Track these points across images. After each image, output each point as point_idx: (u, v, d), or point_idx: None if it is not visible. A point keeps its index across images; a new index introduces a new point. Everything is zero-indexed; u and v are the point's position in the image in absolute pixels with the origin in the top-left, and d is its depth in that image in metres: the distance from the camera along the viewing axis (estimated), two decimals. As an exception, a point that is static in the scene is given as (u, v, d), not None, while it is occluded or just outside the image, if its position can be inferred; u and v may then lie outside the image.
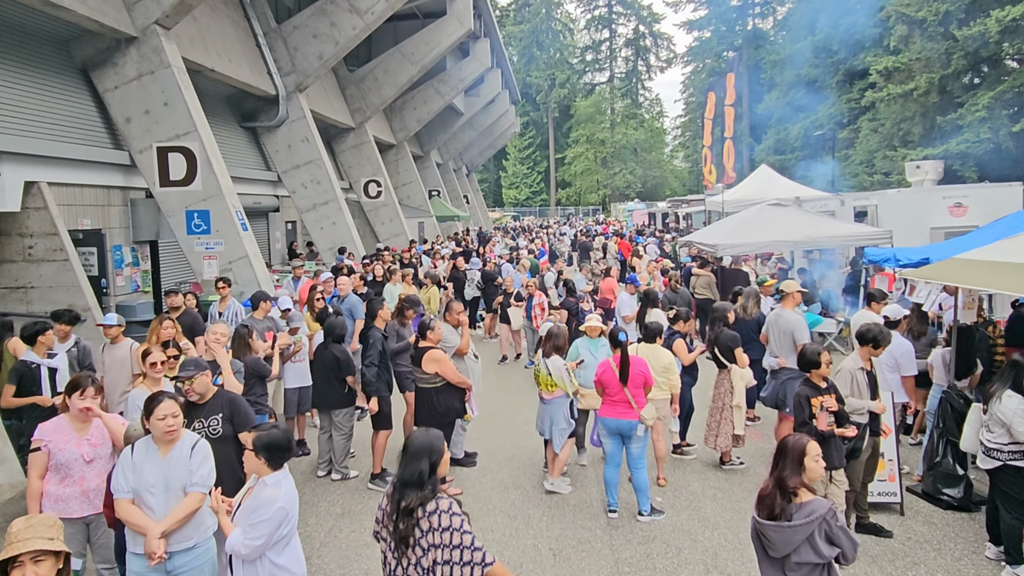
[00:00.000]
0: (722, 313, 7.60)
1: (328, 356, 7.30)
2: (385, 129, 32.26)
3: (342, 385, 7.29)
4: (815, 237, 12.63)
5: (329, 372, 7.27)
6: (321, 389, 7.39)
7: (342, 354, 7.31)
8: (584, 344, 7.66)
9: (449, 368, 6.82)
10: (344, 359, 7.28)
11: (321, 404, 7.47)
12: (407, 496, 3.33)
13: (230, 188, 14.21)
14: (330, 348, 7.31)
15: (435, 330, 6.88)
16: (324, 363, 7.32)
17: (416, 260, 17.16)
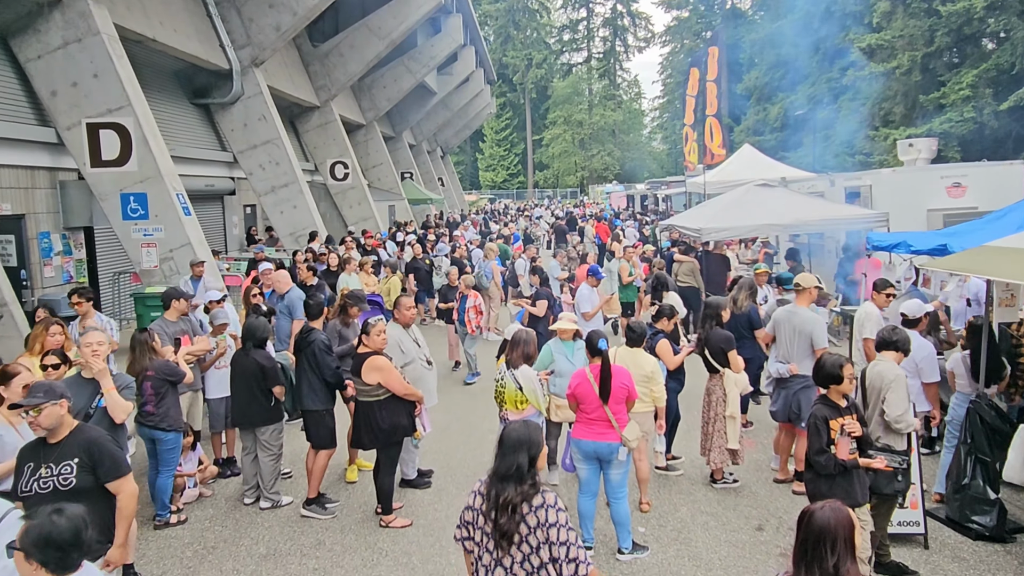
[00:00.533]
0: (715, 309, 6.57)
1: (248, 364, 6.21)
2: (353, 108, 30.88)
3: (267, 397, 6.21)
4: (806, 220, 11.68)
5: (251, 383, 6.18)
6: (241, 403, 6.30)
7: (266, 360, 6.23)
8: (558, 348, 6.62)
9: (394, 378, 5.75)
10: (269, 366, 6.20)
11: (242, 421, 6.38)
12: (507, 491, 3.14)
13: (170, 169, 12.95)
14: (251, 354, 6.23)
15: (379, 331, 5.78)
16: (244, 372, 6.23)
17: (380, 246, 16.00)
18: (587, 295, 9.27)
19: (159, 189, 12.59)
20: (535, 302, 9.68)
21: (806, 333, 6.38)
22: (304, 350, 6.30)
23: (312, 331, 6.36)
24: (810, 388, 6.34)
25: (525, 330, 5.92)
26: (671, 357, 6.63)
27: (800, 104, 47.34)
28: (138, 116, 12.39)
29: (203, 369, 6.92)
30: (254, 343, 6.25)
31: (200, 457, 6.73)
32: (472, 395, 9.98)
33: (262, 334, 6.26)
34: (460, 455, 7.70)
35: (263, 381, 6.17)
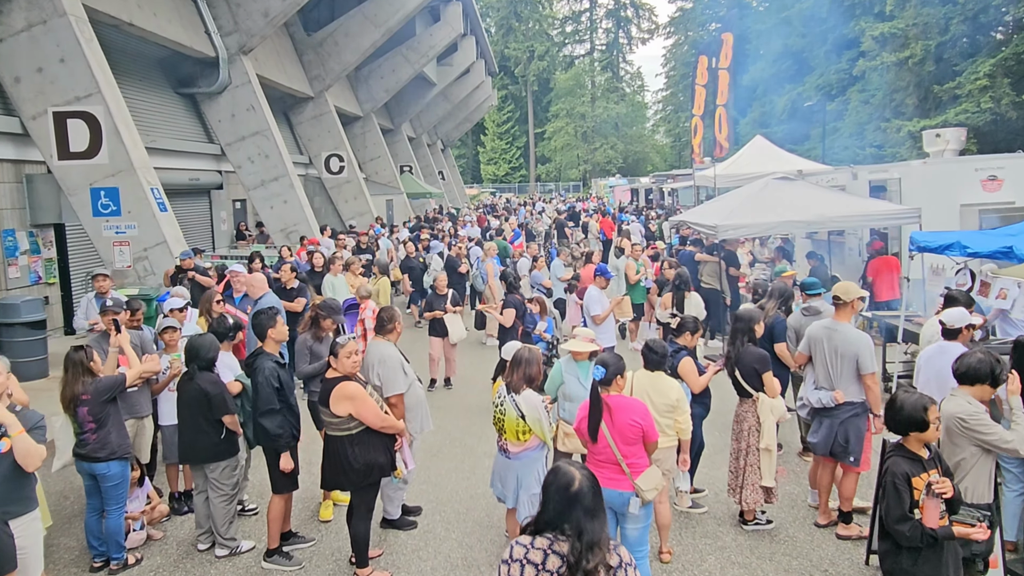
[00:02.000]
0: (747, 323, 5.64)
1: (193, 391, 5.32)
2: (350, 99, 29.93)
3: (215, 429, 5.30)
4: (831, 216, 10.72)
5: (196, 412, 5.29)
6: (187, 436, 5.39)
7: (211, 386, 5.30)
8: (570, 369, 5.70)
9: (369, 408, 4.83)
10: (214, 393, 5.25)
11: (189, 456, 5.47)
12: (591, 556, 2.54)
13: (144, 161, 12.04)
14: (196, 379, 5.33)
15: (349, 353, 4.86)
16: (188, 400, 5.33)
17: (373, 244, 15.05)
18: (596, 297, 8.33)
19: (132, 183, 11.69)
20: (503, 310, 8.72)
21: (850, 355, 5.43)
22: (251, 377, 5.38)
23: (260, 354, 5.41)
24: (859, 417, 5.43)
25: (528, 348, 5.00)
26: (696, 379, 5.70)
27: (807, 96, 46.39)
28: (108, 104, 11.49)
29: (154, 392, 6.02)
30: (199, 364, 5.32)
31: (149, 494, 5.84)
32: (466, 411, 9.07)
33: (207, 353, 5.33)
34: (451, 486, 6.79)
35: (209, 410, 5.25)
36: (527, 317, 8.53)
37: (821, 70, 47.77)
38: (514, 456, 4.91)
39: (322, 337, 6.40)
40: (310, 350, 6.31)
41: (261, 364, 5.27)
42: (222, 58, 17.40)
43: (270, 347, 5.48)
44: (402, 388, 5.50)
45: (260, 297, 7.61)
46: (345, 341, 4.92)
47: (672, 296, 9.42)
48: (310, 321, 6.44)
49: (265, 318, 5.49)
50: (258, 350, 5.49)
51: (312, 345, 6.33)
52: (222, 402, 5.27)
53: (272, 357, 5.42)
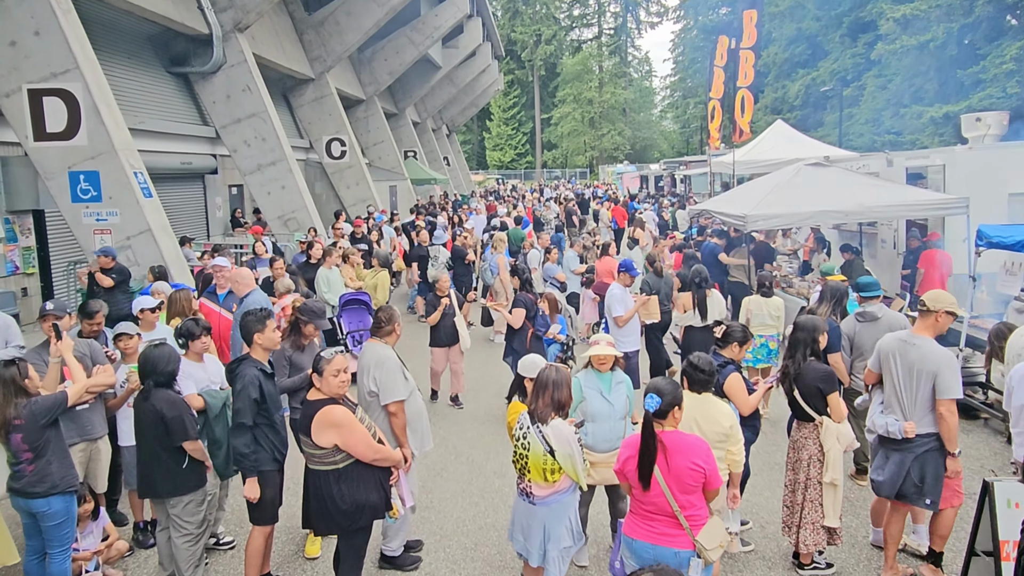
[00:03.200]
0: (810, 334, 4.76)
1: (147, 413, 4.46)
2: (352, 82, 28.99)
3: (175, 458, 4.48)
4: (872, 206, 9.84)
5: (152, 438, 4.48)
6: (143, 466, 4.57)
7: (168, 407, 4.42)
8: (591, 383, 4.86)
9: (358, 437, 3.99)
10: (171, 416, 4.39)
11: (146, 490, 4.64)
12: None
13: (127, 143, 11.19)
14: (151, 398, 4.49)
15: (336, 370, 4.02)
16: (143, 423, 4.51)
17: (375, 232, 14.15)
18: (620, 296, 7.45)
19: (113, 166, 10.84)
20: (512, 308, 7.76)
21: (928, 375, 4.51)
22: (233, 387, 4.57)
23: (244, 360, 4.59)
24: (939, 451, 4.54)
25: (555, 367, 4.13)
26: (746, 398, 4.83)
27: (822, 81, 45.26)
28: (87, 81, 10.62)
29: (111, 409, 5.20)
30: (155, 380, 4.49)
31: (105, 528, 5.02)
32: (473, 421, 8.23)
33: (165, 366, 4.48)
34: (457, 513, 5.95)
35: (166, 436, 4.43)
36: (538, 319, 7.66)
37: (836, 54, 46.70)
38: (540, 501, 4.04)
39: (303, 346, 5.55)
40: (289, 361, 5.46)
41: (243, 371, 4.47)
42: (216, 35, 16.47)
43: (257, 353, 4.68)
44: (403, 394, 4.71)
45: (246, 295, 6.75)
46: (331, 355, 4.08)
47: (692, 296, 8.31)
48: (289, 327, 5.57)
49: (253, 320, 4.66)
50: (243, 356, 4.68)
51: (292, 355, 5.48)
52: (181, 426, 4.43)
53: (257, 364, 4.61)
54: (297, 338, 5.54)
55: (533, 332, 7.56)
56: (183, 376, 4.84)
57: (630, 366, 7.44)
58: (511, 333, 7.67)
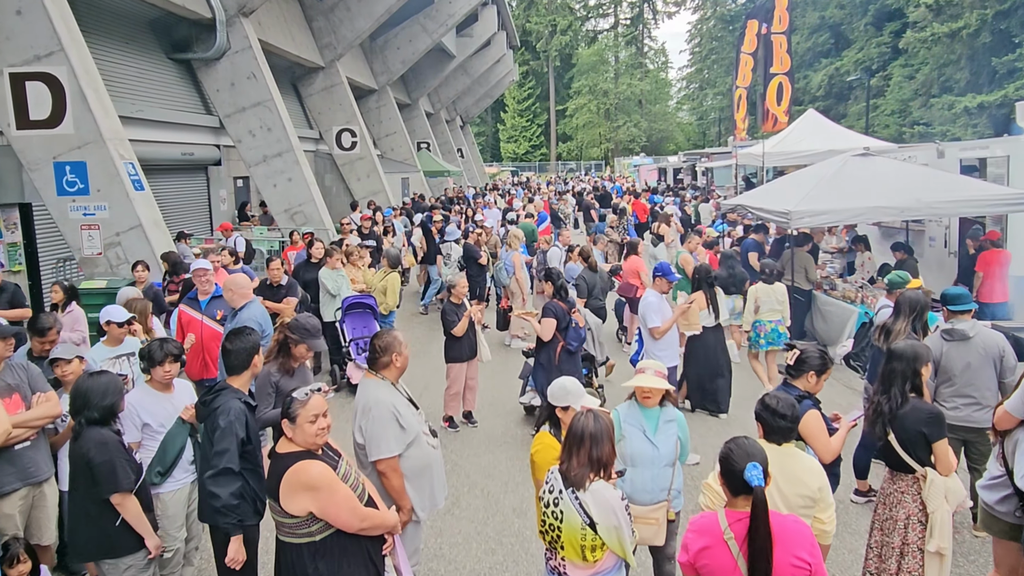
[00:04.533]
0: (911, 364, 3.83)
1: (76, 456, 3.65)
2: (364, 71, 28.14)
3: (106, 513, 3.63)
4: (933, 201, 8.88)
5: (80, 487, 3.66)
6: (71, 518, 3.77)
7: (99, 450, 3.58)
8: (632, 418, 3.99)
9: (338, 503, 3.10)
10: (101, 461, 3.56)
11: (72, 549, 3.78)
12: None
13: (116, 132, 10.40)
14: (81, 438, 3.64)
15: (312, 415, 3.15)
16: (73, 468, 3.70)
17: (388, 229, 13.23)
18: (655, 304, 6.54)
19: (101, 157, 10.05)
20: (541, 318, 6.85)
21: None
22: (206, 424, 3.72)
23: (223, 391, 3.75)
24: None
25: (593, 415, 3.23)
26: (827, 442, 3.92)
27: (846, 71, 44.05)
28: (73, 65, 9.82)
29: (55, 446, 4.38)
30: (87, 417, 3.62)
31: (50, 589, 4.20)
32: (487, 442, 7.37)
33: (101, 399, 3.60)
34: (471, 564, 5.07)
35: (92, 486, 3.59)
36: (570, 331, 6.77)
37: (861, 43, 45.43)
38: (574, 582, 3.17)
39: (293, 370, 4.70)
40: (276, 387, 4.59)
41: (225, 404, 3.64)
42: (220, 20, 15.66)
43: (240, 382, 3.87)
44: (395, 449, 3.80)
45: (242, 307, 5.83)
46: (306, 396, 3.21)
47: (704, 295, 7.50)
48: (276, 347, 4.70)
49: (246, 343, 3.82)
50: (221, 385, 3.83)
51: (279, 380, 4.62)
52: (110, 475, 3.55)
53: (239, 395, 3.77)
54: (286, 360, 4.64)
55: (564, 346, 6.68)
56: (141, 410, 4.02)
57: (669, 384, 6.57)
58: (540, 348, 6.77)
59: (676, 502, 4.08)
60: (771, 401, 3.40)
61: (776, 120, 16.21)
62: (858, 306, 9.56)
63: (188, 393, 4.39)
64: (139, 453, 4.17)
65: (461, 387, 7.40)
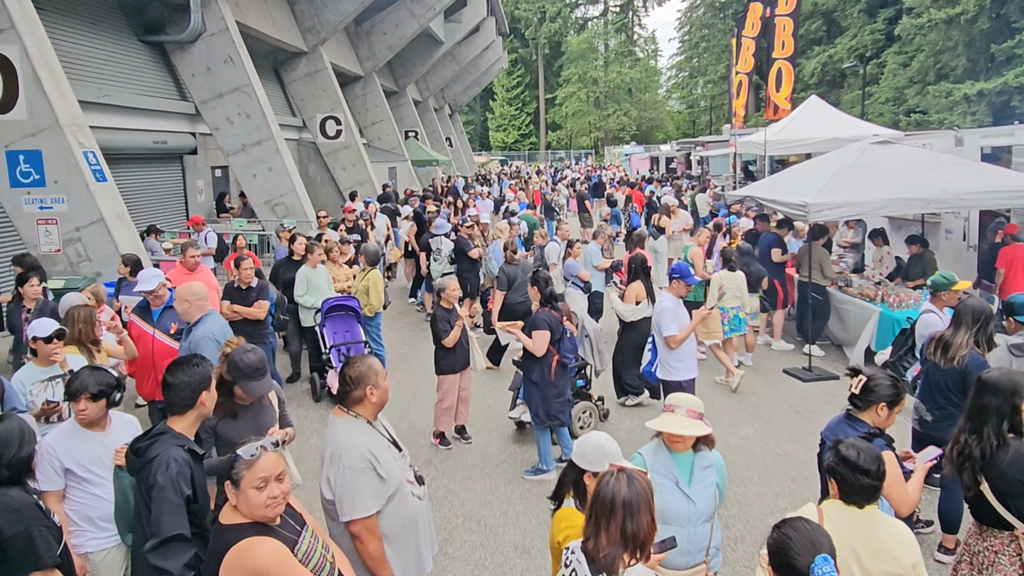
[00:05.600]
0: (1008, 399, 3.14)
1: None
2: (350, 57, 27.23)
3: None
4: (960, 193, 8.20)
5: None
6: None
7: (9, 519, 2.71)
8: (662, 466, 3.26)
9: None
10: (12, 535, 2.74)
11: None
12: None
13: (76, 118, 9.57)
14: None
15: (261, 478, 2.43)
16: None
17: (366, 223, 12.46)
18: (672, 310, 5.80)
19: (58, 145, 9.22)
20: (531, 331, 6.00)
21: None
22: (139, 479, 2.96)
23: (159, 439, 2.98)
24: None
25: (628, 475, 2.51)
26: (905, 491, 3.19)
27: (839, 58, 43.52)
28: (26, 44, 8.97)
29: None
30: None
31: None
32: (481, 462, 6.64)
33: (10, 452, 2.80)
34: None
35: (2, 563, 2.79)
36: (564, 342, 6.02)
37: (854, 31, 44.85)
38: None
39: (235, 411, 3.80)
40: (214, 433, 3.75)
41: (164, 455, 2.87)
42: (194, 0, 14.78)
43: (184, 424, 3.09)
44: (371, 507, 3.03)
45: (199, 321, 5.04)
46: (253, 454, 2.48)
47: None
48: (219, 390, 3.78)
49: (191, 376, 3.08)
50: (160, 428, 3.06)
51: (216, 424, 3.73)
52: (27, 549, 2.76)
53: (182, 441, 2.99)
54: (226, 400, 3.73)
55: (559, 360, 5.95)
56: (61, 451, 3.28)
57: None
58: (531, 363, 6.03)
59: (715, 561, 3.37)
60: (849, 452, 2.69)
61: (777, 108, 15.45)
62: (878, 304, 8.91)
63: (129, 429, 3.63)
64: (66, 504, 3.44)
65: (454, 400, 6.64)
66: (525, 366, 6.05)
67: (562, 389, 6.05)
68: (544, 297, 6.05)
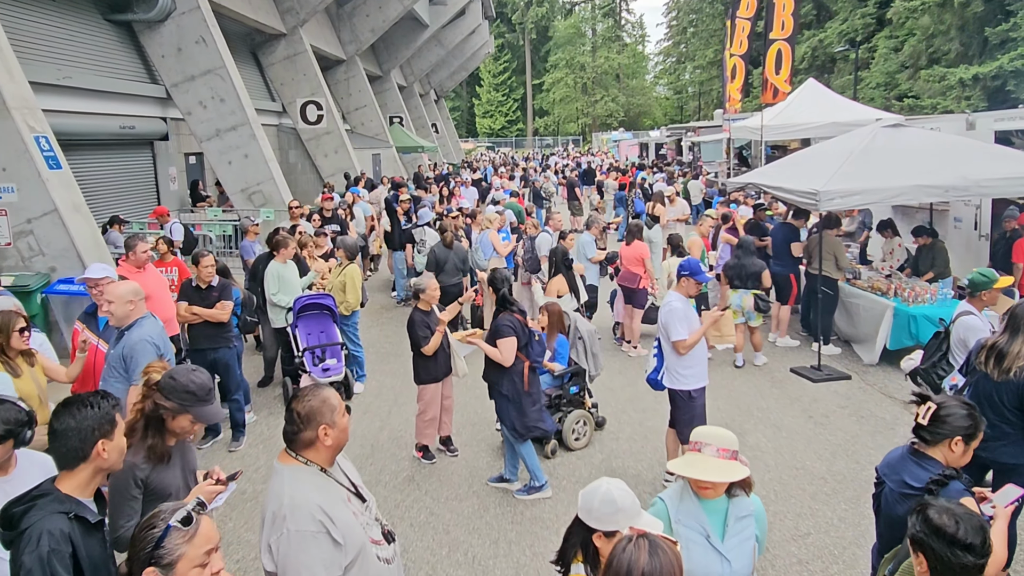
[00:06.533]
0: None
1: None
2: (331, 39, 26.38)
3: None
4: (981, 179, 7.65)
5: None
6: None
7: None
8: (689, 517, 2.67)
9: None
10: None
11: None
12: None
13: (26, 100, 8.83)
14: None
15: (198, 559, 1.83)
16: None
17: (346, 213, 11.71)
18: (682, 312, 5.14)
19: (6, 129, 8.48)
20: (495, 339, 5.28)
21: None
22: (11, 559, 2.30)
23: (36, 504, 2.30)
24: None
25: (650, 538, 1.93)
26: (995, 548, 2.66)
27: (830, 42, 43.07)
28: (-33, 18, 8.20)
29: None
30: None
31: None
32: (468, 479, 6.03)
33: None
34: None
35: None
36: (533, 346, 5.38)
37: (844, 15, 44.37)
38: None
39: (169, 454, 3.01)
40: (143, 486, 2.94)
41: (36, 526, 2.24)
42: (162, -24, 13.99)
43: (74, 483, 2.43)
44: None
45: (133, 324, 4.30)
46: (187, 523, 1.87)
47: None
48: (139, 419, 2.95)
49: (81, 420, 2.43)
50: (42, 488, 2.40)
51: (149, 476, 2.94)
52: None
53: (66, 507, 2.33)
54: (158, 441, 2.97)
55: (530, 365, 5.32)
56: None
57: (695, 410, 5.27)
58: (496, 374, 5.31)
59: (751, 627, 2.78)
60: (946, 521, 2.09)
61: (776, 91, 14.86)
62: (891, 299, 8.35)
63: (40, 472, 2.95)
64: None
65: (437, 412, 6.00)
66: (492, 378, 5.38)
67: (537, 396, 5.42)
68: (500, 299, 5.40)
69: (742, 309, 8.28)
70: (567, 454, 6.20)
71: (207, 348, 6.22)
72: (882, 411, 7.09)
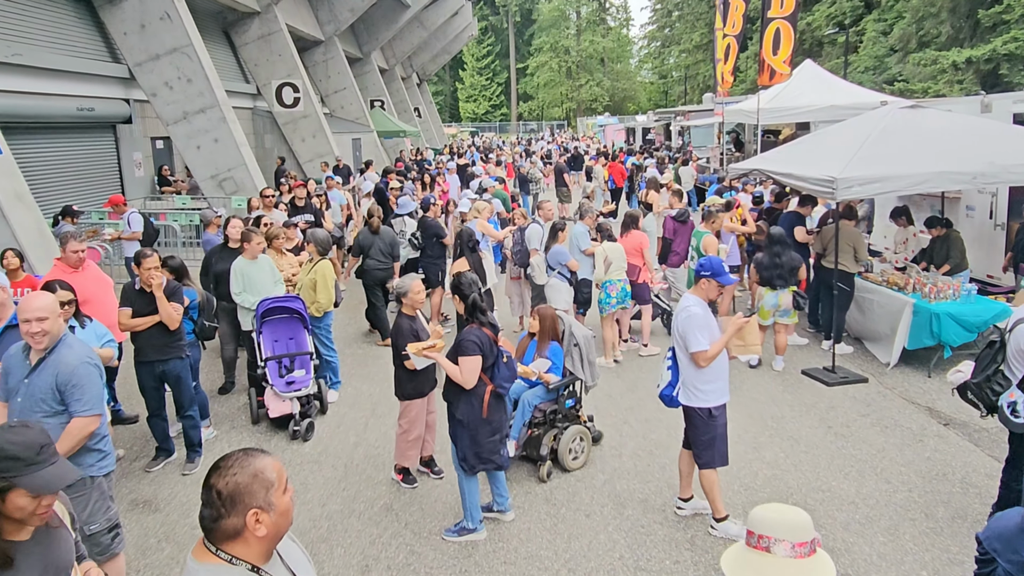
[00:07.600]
0: None
1: None
2: (308, 19, 25.37)
3: None
4: (1013, 165, 7.03)
5: None
6: None
7: None
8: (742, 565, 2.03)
9: None
10: None
11: None
12: None
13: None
14: None
15: None
16: None
17: (321, 201, 10.91)
18: (701, 318, 4.38)
19: (-63, 110, 7.61)
20: (457, 356, 4.54)
21: None
22: None
23: None
24: None
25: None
26: None
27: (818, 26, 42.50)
28: None
29: None
30: None
31: None
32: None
33: None
34: None
35: None
36: (499, 368, 4.61)
37: (832, -2, 43.81)
38: None
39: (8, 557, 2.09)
40: None
41: None
42: (122, -52, 13.06)
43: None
44: None
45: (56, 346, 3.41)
46: None
47: None
48: None
49: None
50: None
51: None
52: None
53: None
54: None
55: (493, 390, 4.60)
56: None
57: (716, 430, 4.59)
58: (453, 393, 4.59)
59: None
60: None
61: (774, 72, 14.18)
62: (910, 295, 7.73)
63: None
64: None
65: (422, 431, 5.29)
66: (449, 398, 4.64)
67: (498, 425, 4.66)
68: (469, 308, 4.66)
69: (776, 308, 7.66)
70: (564, 476, 5.51)
71: (155, 360, 5.44)
72: (906, 420, 6.47)
